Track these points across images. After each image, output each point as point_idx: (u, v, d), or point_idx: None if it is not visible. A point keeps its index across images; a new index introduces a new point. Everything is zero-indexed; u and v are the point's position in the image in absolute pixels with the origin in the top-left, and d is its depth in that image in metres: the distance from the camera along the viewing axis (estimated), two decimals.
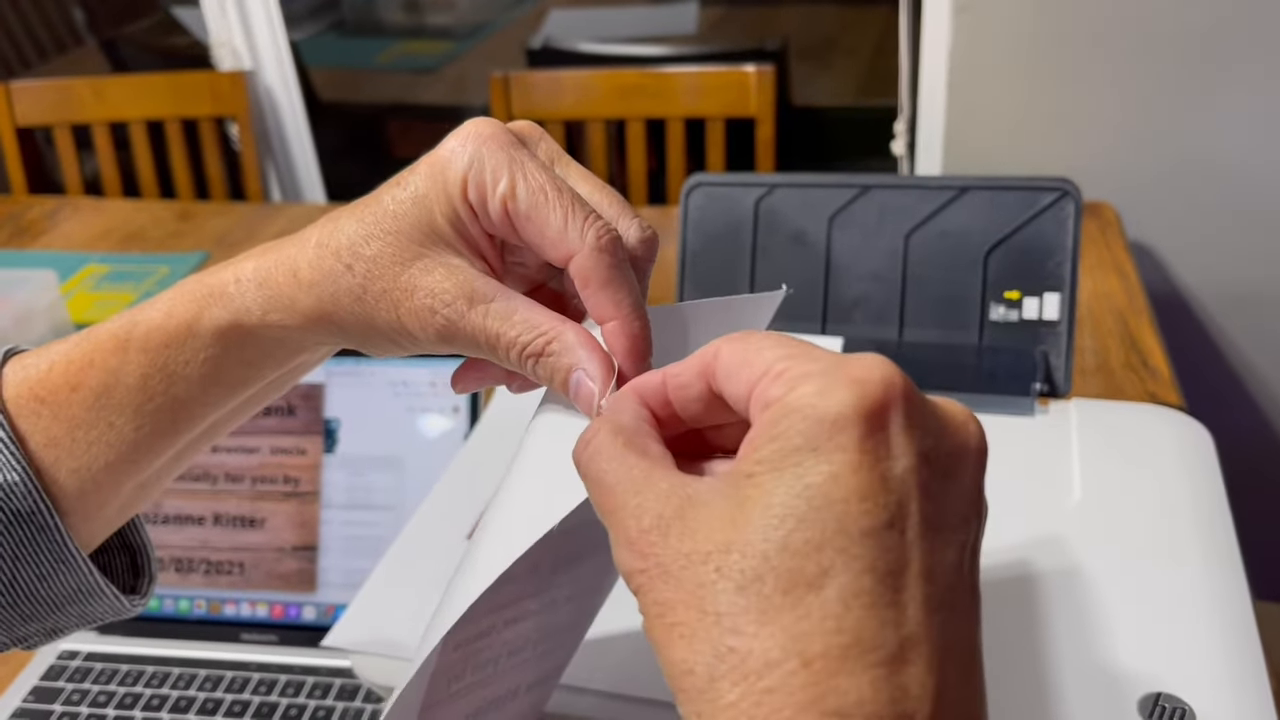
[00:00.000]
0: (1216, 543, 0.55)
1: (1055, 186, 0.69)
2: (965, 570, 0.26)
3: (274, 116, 1.87)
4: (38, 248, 1.44)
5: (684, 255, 0.76)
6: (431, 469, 0.75)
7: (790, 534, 0.24)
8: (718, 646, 0.24)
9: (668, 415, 0.30)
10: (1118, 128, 1.37)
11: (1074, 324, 0.68)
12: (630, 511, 0.26)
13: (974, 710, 0.25)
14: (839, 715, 0.23)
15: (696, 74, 1.52)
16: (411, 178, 0.36)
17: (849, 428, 0.24)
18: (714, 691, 0.24)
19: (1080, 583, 0.52)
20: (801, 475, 0.24)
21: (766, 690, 0.23)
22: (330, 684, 0.71)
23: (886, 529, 0.24)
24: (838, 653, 0.23)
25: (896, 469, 0.24)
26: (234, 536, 0.77)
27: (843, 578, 0.23)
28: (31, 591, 0.39)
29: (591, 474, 0.28)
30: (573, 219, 0.34)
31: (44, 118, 1.73)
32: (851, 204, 0.73)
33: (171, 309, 0.38)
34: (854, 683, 0.23)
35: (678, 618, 0.24)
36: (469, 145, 0.35)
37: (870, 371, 0.25)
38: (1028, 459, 0.61)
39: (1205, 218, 1.38)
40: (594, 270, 0.34)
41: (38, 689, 0.74)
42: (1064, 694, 0.47)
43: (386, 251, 0.35)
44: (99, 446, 0.38)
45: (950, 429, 0.26)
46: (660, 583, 0.25)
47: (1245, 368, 1.46)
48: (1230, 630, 0.49)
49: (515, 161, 0.34)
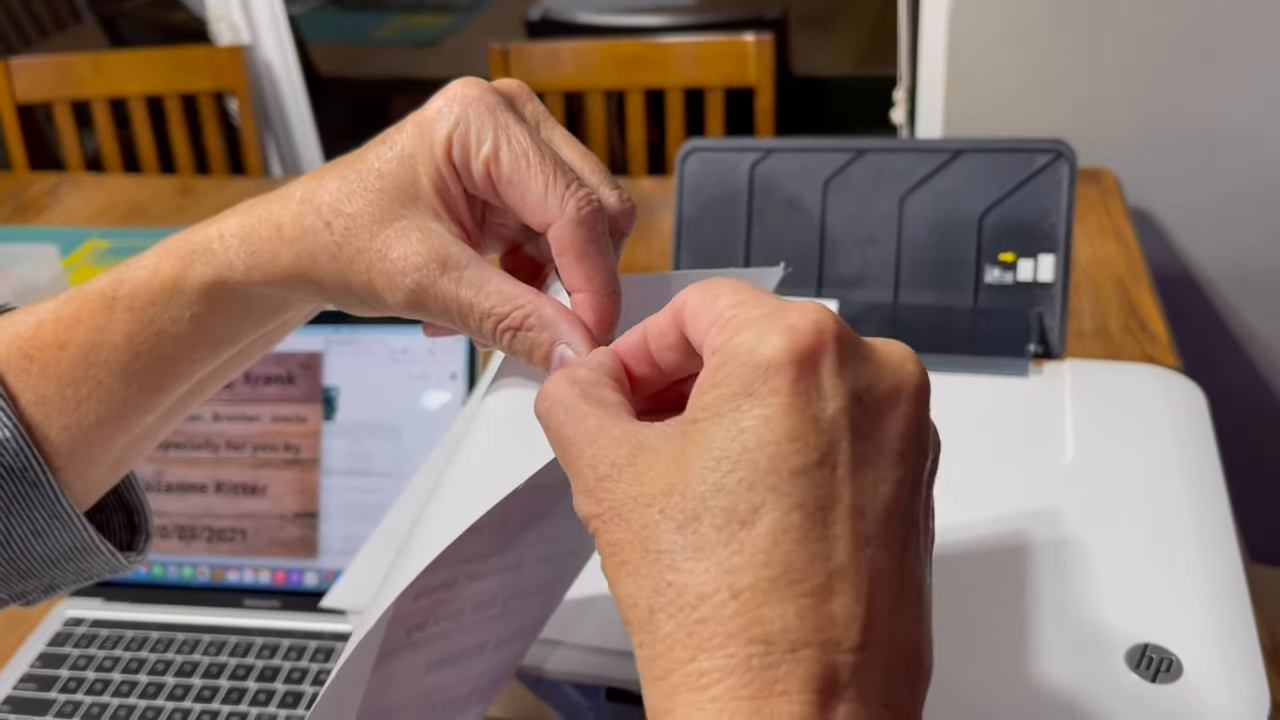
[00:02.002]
0: (1209, 501, 0.55)
1: (1049, 148, 0.68)
2: (904, 503, 0.27)
3: (273, 91, 1.87)
4: (39, 224, 1.44)
5: (680, 220, 0.76)
6: (430, 435, 0.75)
7: (725, 475, 0.25)
8: (657, 582, 0.25)
9: (649, 370, 0.31)
10: (1118, 95, 1.37)
11: (1069, 286, 0.68)
12: (587, 461, 0.28)
13: (908, 636, 0.26)
14: (765, 642, 0.24)
15: (696, 44, 1.52)
16: (398, 136, 0.36)
17: (780, 372, 0.25)
18: (653, 623, 0.25)
19: (1072, 540, 0.52)
20: (737, 419, 0.26)
21: (699, 620, 0.24)
22: (332, 647, 0.72)
23: (816, 467, 0.25)
24: (765, 584, 0.24)
25: (828, 410, 0.26)
26: (236, 504, 0.77)
27: (773, 514, 0.25)
28: (26, 548, 0.39)
29: (551, 425, 0.29)
30: (554, 186, 0.34)
31: (44, 94, 1.72)
32: (846, 168, 0.73)
33: (157, 266, 0.38)
34: (780, 612, 0.24)
35: (626, 556, 0.26)
36: (455, 106, 0.35)
37: (804, 317, 0.26)
38: (1022, 419, 0.61)
39: (1207, 185, 1.38)
40: (571, 241, 0.34)
41: (44, 654, 0.75)
42: (1052, 645, 0.47)
43: (366, 210, 0.36)
44: (88, 404, 0.38)
45: (886, 369, 0.27)
46: (613, 525, 0.26)
47: (1245, 332, 1.45)
48: (1219, 584, 0.50)
49: (500, 124, 0.35)
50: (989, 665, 0.47)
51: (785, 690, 0.24)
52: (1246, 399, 1.47)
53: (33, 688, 0.72)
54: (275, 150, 1.92)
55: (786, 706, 0.24)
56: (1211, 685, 0.45)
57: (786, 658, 0.24)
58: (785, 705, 0.24)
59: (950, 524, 0.54)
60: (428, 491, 0.59)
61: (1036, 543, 0.52)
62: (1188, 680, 0.45)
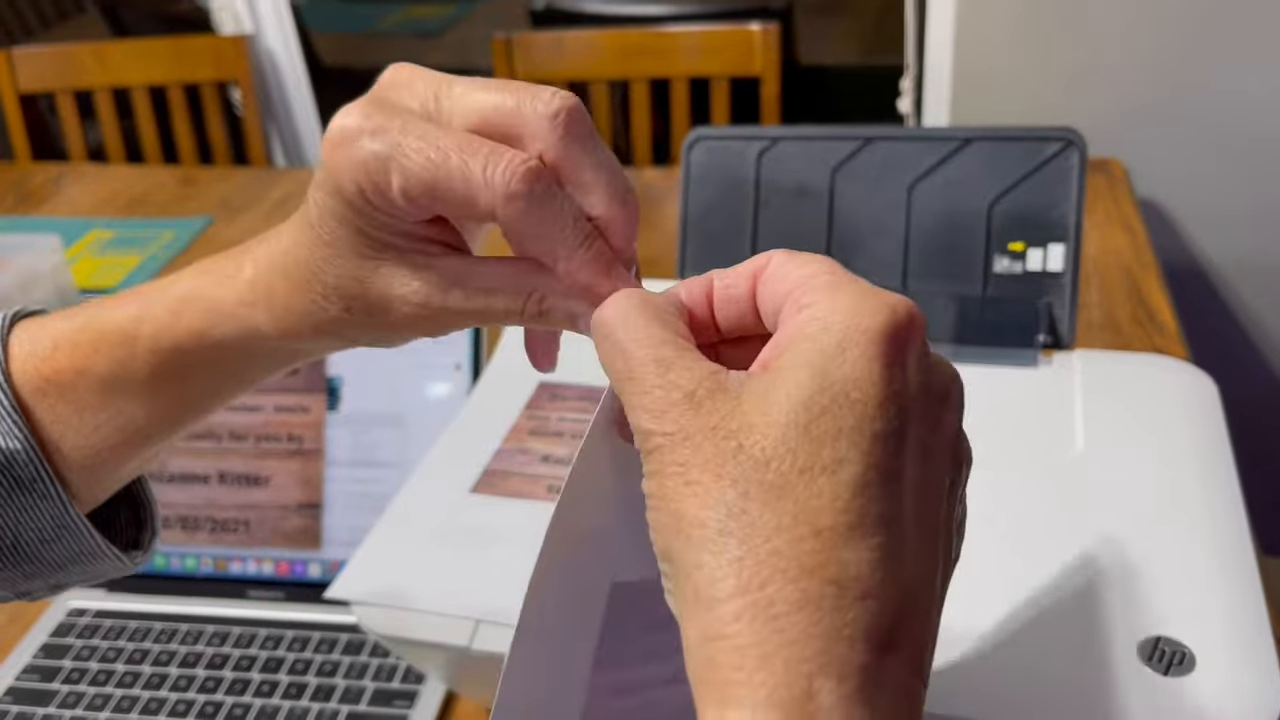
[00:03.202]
0: (1220, 492, 0.54)
1: (1059, 136, 0.68)
2: (946, 498, 0.28)
3: (276, 80, 1.86)
4: (42, 214, 1.44)
5: (685, 210, 0.75)
6: (434, 426, 0.75)
7: (812, 422, 0.26)
8: (732, 507, 0.25)
9: (704, 317, 0.31)
10: (1127, 84, 1.36)
11: (1078, 275, 0.68)
12: (655, 382, 0.28)
13: (933, 614, 0.27)
14: (838, 584, 0.25)
15: (701, 33, 1.51)
16: (319, 195, 0.33)
17: (878, 340, 0.26)
18: (721, 543, 0.25)
19: (1083, 531, 0.52)
20: (828, 373, 0.26)
21: (774, 551, 0.25)
22: (336, 639, 0.72)
23: (895, 437, 0.26)
24: (844, 529, 0.25)
25: (910, 391, 0.27)
26: (239, 494, 0.77)
27: (855, 468, 0.25)
28: (34, 553, 0.39)
29: (614, 337, 0.29)
30: (470, 172, 0.30)
31: (46, 84, 1.72)
32: (854, 156, 0.72)
33: (179, 312, 0.37)
34: (855, 558, 0.25)
35: (695, 477, 0.26)
36: (342, 149, 0.31)
37: (901, 301, 0.28)
38: (1031, 410, 0.61)
39: (1216, 175, 1.37)
40: (513, 222, 0.31)
41: (47, 645, 0.74)
42: (1063, 638, 0.47)
43: (343, 276, 0.34)
44: (106, 428, 0.38)
45: (943, 373, 0.29)
46: (682, 446, 0.26)
47: (1253, 323, 1.45)
48: (1232, 577, 0.49)
49: (391, 146, 0.31)
50: (999, 658, 0.46)
51: (851, 636, 0.24)
52: (1256, 390, 1.47)
53: (36, 678, 0.72)
54: (278, 140, 1.91)
55: (851, 654, 0.24)
56: (1224, 678, 0.45)
57: (855, 604, 0.25)
58: (850, 652, 0.24)
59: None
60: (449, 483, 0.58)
61: (1046, 535, 0.52)
62: (1200, 673, 0.45)
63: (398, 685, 0.68)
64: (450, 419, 0.67)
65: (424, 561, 0.57)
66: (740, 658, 0.24)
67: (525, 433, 0.65)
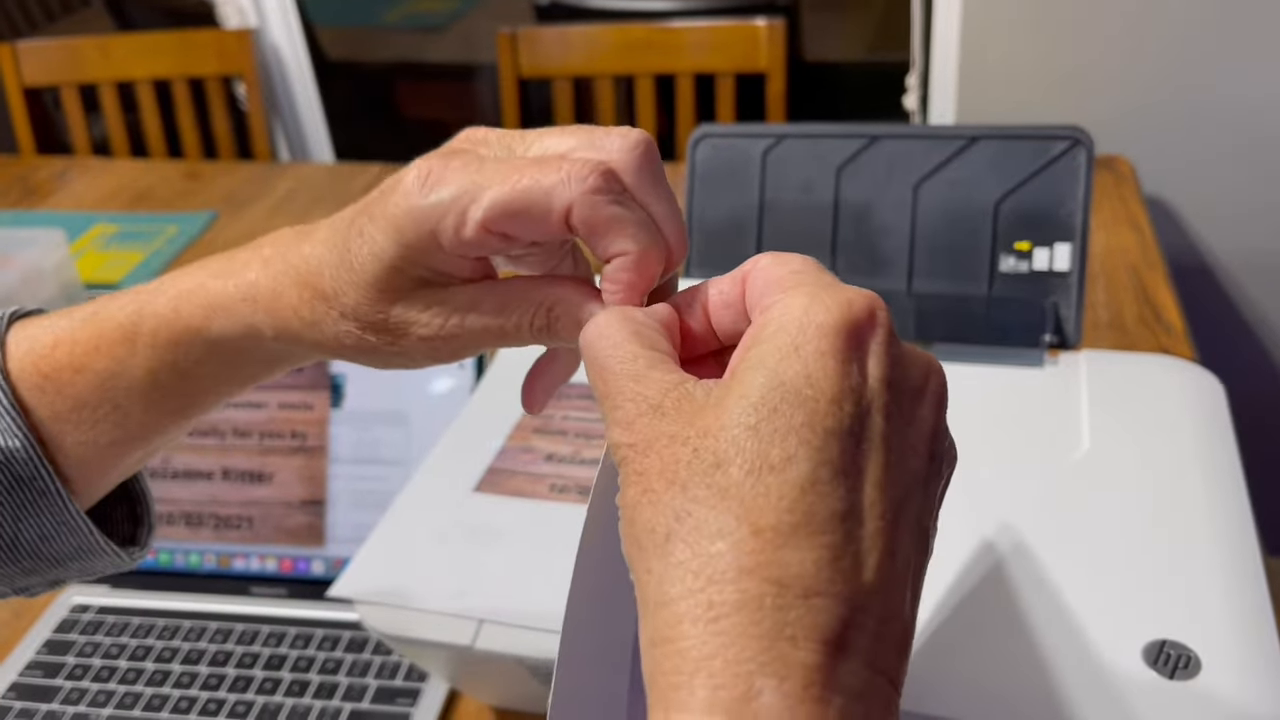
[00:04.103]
0: (1226, 494, 0.54)
1: (1066, 135, 0.67)
2: (918, 495, 0.27)
3: (280, 75, 1.86)
4: (46, 208, 1.44)
5: (691, 207, 0.75)
6: (438, 424, 0.75)
7: (761, 421, 0.26)
8: (678, 510, 0.26)
9: (702, 327, 0.32)
10: (1134, 81, 1.35)
11: (1085, 275, 0.67)
12: (628, 395, 0.28)
13: (904, 612, 0.27)
14: (779, 584, 0.24)
15: (706, 28, 1.51)
16: (374, 233, 0.33)
17: (831, 335, 0.26)
18: (668, 549, 0.25)
19: (1088, 532, 0.52)
20: (780, 372, 0.26)
21: (716, 553, 0.25)
22: (339, 636, 0.72)
23: (849, 434, 0.26)
24: (787, 528, 0.25)
25: (866, 385, 0.26)
26: (243, 491, 0.77)
27: (804, 466, 0.25)
28: (33, 550, 0.39)
29: (595, 354, 0.30)
30: (545, 179, 0.31)
31: (51, 78, 1.72)
32: (860, 154, 0.72)
33: (178, 307, 0.37)
34: (799, 557, 0.25)
35: (650, 484, 0.26)
36: (414, 195, 0.32)
37: (861, 295, 0.27)
38: (1037, 410, 0.60)
39: (1223, 173, 1.37)
40: (590, 215, 0.31)
41: (51, 641, 0.74)
42: (1068, 641, 0.46)
43: (364, 301, 0.34)
44: (104, 425, 0.38)
45: (916, 368, 0.28)
46: (643, 455, 0.27)
47: (1261, 323, 1.44)
48: (1238, 580, 0.49)
49: (466, 184, 0.32)
50: (1004, 661, 0.46)
51: (794, 636, 0.24)
52: (1264, 390, 1.46)
53: (38, 674, 0.72)
54: (283, 134, 1.91)
55: (793, 652, 0.24)
56: (1230, 681, 0.44)
57: (798, 603, 0.24)
58: (792, 650, 0.24)
59: (964, 516, 0.53)
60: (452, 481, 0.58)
61: (1051, 536, 0.52)
62: (1206, 677, 0.45)
63: (400, 683, 0.68)
64: (454, 417, 0.67)
65: (427, 560, 0.56)
66: (681, 661, 0.24)
67: (529, 431, 0.65)
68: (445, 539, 0.58)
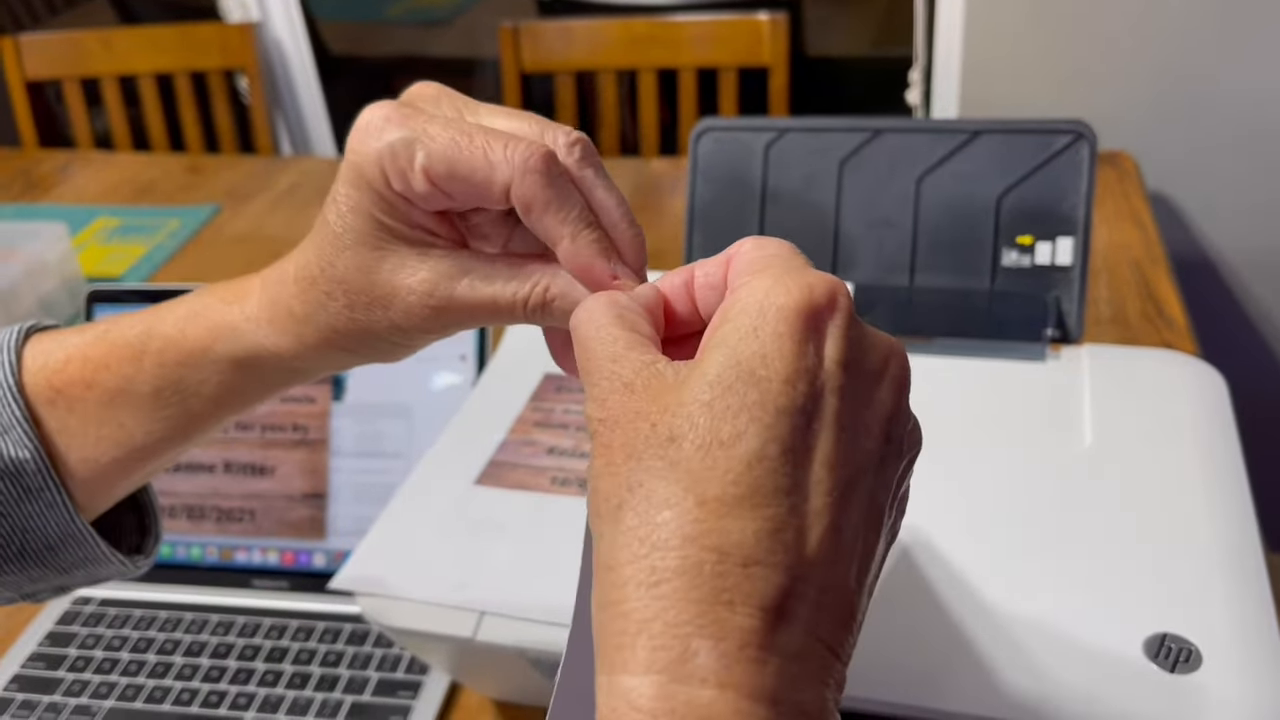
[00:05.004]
0: (1228, 489, 0.54)
1: (1069, 129, 0.67)
2: (871, 476, 0.28)
3: (283, 69, 1.86)
4: (48, 202, 1.44)
5: (693, 201, 0.75)
6: (440, 416, 0.75)
7: (715, 399, 0.27)
8: (632, 481, 0.27)
9: (687, 308, 0.33)
10: (1137, 76, 1.35)
11: (1087, 269, 0.67)
12: (605, 374, 0.29)
13: (848, 587, 0.27)
14: (719, 551, 0.25)
15: (709, 22, 1.50)
16: (341, 189, 0.35)
17: (788, 318, 0.27)
18: (619, 515, 0.27)
19: (1089, 526, 0.52)
20: (737, 352, 0.27)
21: (661, 522, 0.26)
22: (340, 629, 0.72)
23: (801, 413, 0.26)
24: (731, 500, 0.26)
25: (822, 366, 0.27)
26: (244, 484, 0.77)
27: (752, 443, 0.26)
28: (40, 559, 0.40)
29: (580, 335, 0.31)
30: (492, 152, 0.33)
31: (53, 71, 1.72)
32: (862, 148, 0.72)
33: (185, 328, 0.39)
34: (740, 526, 0.25)
35: (611, 458, 0.28)
36: (369, 138, 0.34)
37: (822, 280, 0.28)
38: (1038, 405, 0.60)
39: (1226, 169, 1.36)
40: (530, 193, 0.33)
41: (53, 634, 0.74)
42: (1069, 635, 0.46)
43: (351, 267, 0.36)
44: (109, 442, 0.39)
45: (876, 352, 0.29)
46: (610, 430, 0.28)
47: (1264, 319, 1.44)
48: (1239, 575, 0.49)
49: (417, 131, 0.33)
50: (1004, 654, 0.46)
51: (731, 601, 0.25)
52: (1266, 386, 1.46)
53: (41, 666, 0.72)
54: (285, 129, 1.91)
55: (730, 617, 0.25)
56: (1231, 675, 0.44)
57: (737, 570, 0.25)
58: (729, 615, 0.25)
59: (966, 510, 0.53)
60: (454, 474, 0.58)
61: (1053, 530, 0.52)
62: (1207, 670, 0.45)
63: (402, 676, 0.68)
64: (455, 410, 0.67)
65: (428, 553, 0.57)
66: (625, 623, 0.25)
67: (530, 424, 0.65)
68: (446, 532, 0.58)
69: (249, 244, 1.27)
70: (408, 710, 0.66)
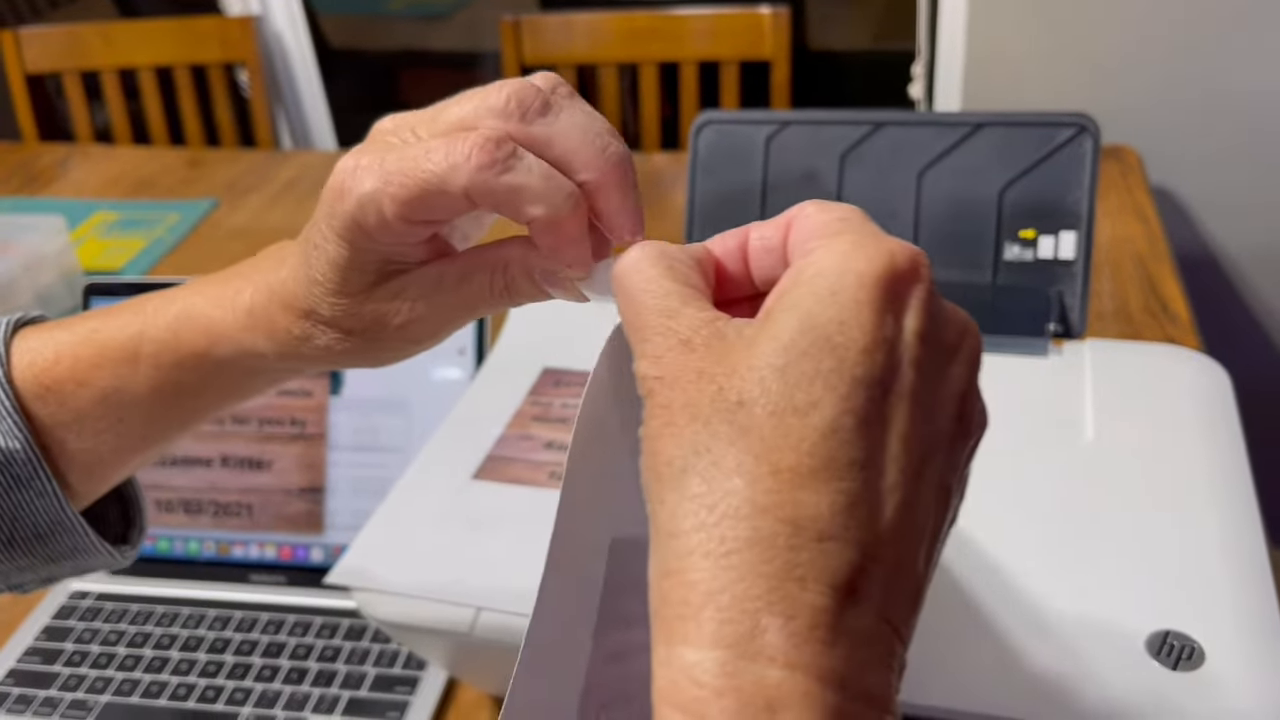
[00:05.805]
0: (1231, 485, 0.53)
1: (1072, 122, 0.67)
2: (943, 454, 0.27)
3: (283, 62, 1.85)
4: (48, 195, 1.43)
5: (693, 194, 0.75)
6: (437, 411, 0.74)
7: (789, 364, 0.25)
8: (698, 446, 0.25)
9: (740, 270, 0.31)
10: (1141, 70, 1.34)
11: (1090, 264, 0.67)
12: (657, 330, 0.28)
13: (918, 567, 0.26)
14: (794, 524, 0.24)
15: (710, 16, 1.50)
16: (321, 242, 0.34)
17: (870, 285, 0.26)
18: (683, 482, 0.25)
19: (1091, 522, 0.51)
20: (814, 316, 0.26)
21: (731, 489, 0.25)
22: (337, 624, 0.72)
23: (878, 384, 0.25)
24: (806, 470, 0.24)
25: (901, 338, 0.26)
26: (241, 478, 0.77)
27: (828, 412, 0.25)
28: (29, 549, 0.40)
29: (628, 287, 0.29)
30: (436, 162, 0.31)
31: (53, 65, 1.71)
32: (864, 141, 0.71)
33: (178, 332, 0.38)
34: (815, 499, 0.24)
35: (673, 418, 0.26)
36: (347, 197, 0.33)
37: (905, 247, 0.27)
38: (1041, 400, 0.60)
39: (1230, 163, 1.36)
40: (484, 193, 0.31)
41: (49, 628, 0.74)
42: (1071, 632, 0.46)
43: (338, 310, 0.35)
44: (106, 436, 0.39)
45: (952, 326, 0.28)
46: (669, 389, 0.27)
47: (1268, 314, 1.43)
48: (1242, 571, 0.49)
49: (378, 179, 0.32)
50: (1006, 651, 0.46)
51: (803, 577, 0.24)
52: (1270, 381, 1.45)
53: (37, 661, 0.72)
54: (285, 122, 1.90)
55: (801, 594, 0.24)
56: (1234, 673, 0.44)
57: (811, 545, 0.24)
58: (800, 592, 0.24)
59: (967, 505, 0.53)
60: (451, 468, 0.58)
61: (1055, 526, 0.51)
62: (1210, 668, 0.44)
63: (399, 671, 0.68)
64: (453, 405, 0.67)
65: (425, 547, 0.56)
66: (689, 593, 0.24)
67: (528, 419, 0.64)
68: (443, 526, 0.57)
69: (248, 238, 1.27)
70: (405, 705, 0.66)
